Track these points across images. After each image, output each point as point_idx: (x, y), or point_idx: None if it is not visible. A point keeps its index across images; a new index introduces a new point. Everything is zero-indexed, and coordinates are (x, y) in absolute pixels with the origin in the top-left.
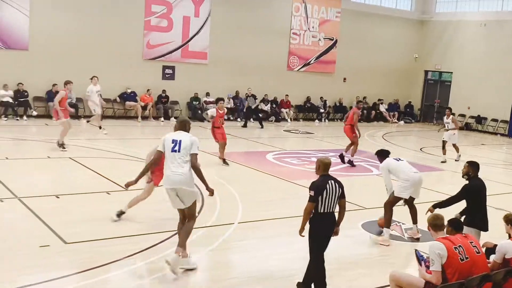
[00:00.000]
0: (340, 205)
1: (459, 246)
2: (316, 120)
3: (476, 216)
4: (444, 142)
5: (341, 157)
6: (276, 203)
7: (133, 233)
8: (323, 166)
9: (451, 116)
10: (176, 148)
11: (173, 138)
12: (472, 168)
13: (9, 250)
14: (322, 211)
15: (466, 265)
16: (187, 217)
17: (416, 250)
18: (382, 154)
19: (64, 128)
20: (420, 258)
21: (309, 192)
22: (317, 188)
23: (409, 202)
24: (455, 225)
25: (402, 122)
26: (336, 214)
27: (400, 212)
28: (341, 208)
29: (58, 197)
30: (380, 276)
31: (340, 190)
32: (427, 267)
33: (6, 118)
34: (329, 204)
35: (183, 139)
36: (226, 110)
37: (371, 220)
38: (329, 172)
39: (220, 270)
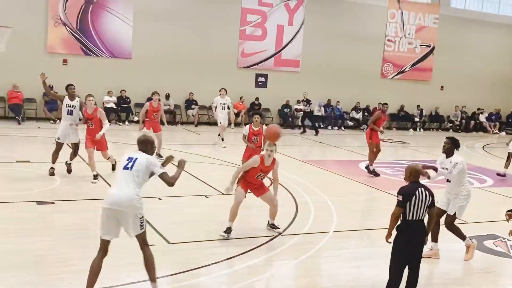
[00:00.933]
0: (429, 214)
1: None
2: (411, 129)
3: None
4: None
5: (369, 171)
6: (370, 213)
7: (232, 236)
8: (414, 173)
9: None
10: (129, 166)
11: (129, 156)
12: None
13: (115, 247)
14: (410, 218)
15: None
16: (140, 246)
17: None
18: (457, 144)
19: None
20: None
21: (397, 197)
22: (406, 193)
23: (444, 217)
24: None
25: (503, 133)
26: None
27: (501, 227)
28: (430, 217)
29: (161, 199)
30: None
31: (431, 198)
32: None
33: (109, 123)
34: (418, 211)
35: (139, 158)
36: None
37: (474, 234)
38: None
39: (316, 277)
